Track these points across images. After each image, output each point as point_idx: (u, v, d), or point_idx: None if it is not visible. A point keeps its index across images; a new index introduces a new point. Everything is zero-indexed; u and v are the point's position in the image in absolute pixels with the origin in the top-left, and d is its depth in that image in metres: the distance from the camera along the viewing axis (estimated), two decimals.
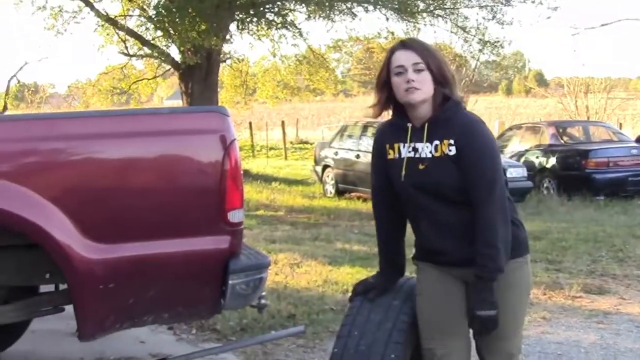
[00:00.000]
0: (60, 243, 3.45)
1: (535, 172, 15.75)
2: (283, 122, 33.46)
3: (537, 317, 6.56)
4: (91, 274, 3.51)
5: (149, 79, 24.37)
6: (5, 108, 22.06)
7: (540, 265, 8.76)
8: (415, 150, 3.28)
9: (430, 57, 3.22)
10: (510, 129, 19.19)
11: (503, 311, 3.28)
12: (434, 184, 3.24)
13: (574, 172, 15.16)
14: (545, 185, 15.67)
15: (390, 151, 3.36)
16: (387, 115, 3.45)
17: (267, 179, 19.39)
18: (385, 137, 3.41)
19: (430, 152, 3.24)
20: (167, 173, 3.70)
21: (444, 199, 3.25)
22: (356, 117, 22.52)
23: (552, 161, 15.70)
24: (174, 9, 17.77)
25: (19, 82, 23.24)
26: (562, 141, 16.30)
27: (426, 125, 3.26)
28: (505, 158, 14.96)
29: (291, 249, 9.52)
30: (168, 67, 22.28)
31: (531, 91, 51.98)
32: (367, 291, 3.57)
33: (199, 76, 20.51)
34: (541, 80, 64.09)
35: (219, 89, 26.54)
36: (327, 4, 19.01)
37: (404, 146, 3.32)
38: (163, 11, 18.12)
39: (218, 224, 3.71)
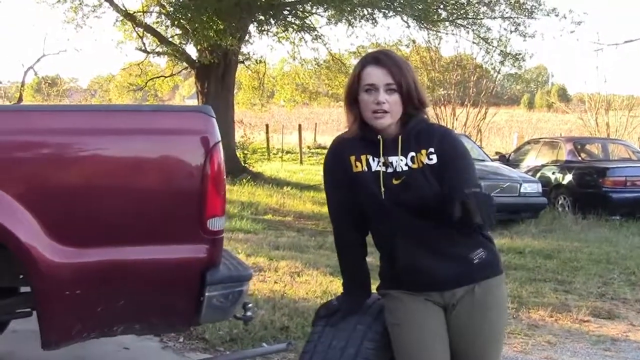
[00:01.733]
0: (25, 244, 3.25)
1: (551, 189, 15.43)
2: (300, 126, 33.28)
3: (542, 341, 6.31)
4: (57, 278, 3.30)
5: (165, 77, 24.24)
6: (20, 99, 21.98)
7: (549, 285, 8.50)
8: (387, 165, 3.07)
9: (402, 77, 3.01)
10: (528, 142, 18.88)
11: (485, 334, 3.14)
12: (415, 196, 3.03)
13: (590, 190, 14.79)
14: (560, 202, 15.34)
15: (358, 163, 3.12)
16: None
17: (279, 183, 19.15)
18: (349, 149, 3.15)
19: (407, 164, 3.04)
20: (143, 174, 3.49)
21: (424, 213, 3.04)
22: None
23: (569, 178, 15.34)
24: (192, 6, 17.63)
25: (36, 74, 23.15)
26: (579, 158, 15.97)
27: (399, 138, 3.06)
28: (520, 172, 14.69)
29: (294, 257, 9.30)
30: (185, 65, 22.13)
31: (553, 106, 51.57)
32: (330, 315, 3.32)
33: (216, 76, 20.40)
34: (564, 96, 63.68)
35: (236, 90, 26.50)
36: (348, 8, 18.76)
37: (373, 159, 3.10)
38: (180, 8, 17.99)
39: (196, 231, 3.50)
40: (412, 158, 3.04)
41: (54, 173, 3.35)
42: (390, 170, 3.06)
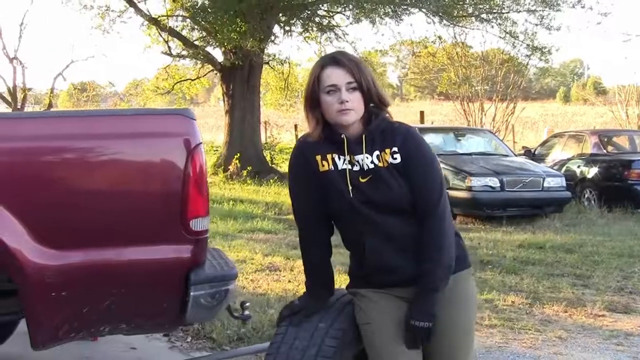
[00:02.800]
0: (10, 247, 3.28)
1: (576, 182, 15.30)
2: None
3: (553, 337, 6.25)
4: (42, 280, 3.34)
5: (192, 80, 24.38)
6: (50, 106, 22.29)
7: (567, 280, 8.44)
8: (353, 163, 3.10)
9: (362, 75, 3.05)
10: (554, 136, 18.72)
11: (453, 329, 3.18)
12: (383, 196, 3.05)
13: (616, 183, 14.62)
14: (586, 196, 15.20)
15: (324, 162, 3.13)
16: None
17: None
18: (313, 148, 3.16)
19: (372, 162, 3.07)
20: (125, 177, 3.51)
21: (393, 211, 3.07)
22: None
23: (594, 171, 15.18)
24: (209, 9, 17.72)
25: (64, 80, 23.52)
26: (604, 151, 15.79)
27: (363, 136, 3.09)
28: (543, 167, 14.57)
29: None
30: (211, 68, 22.25)
31: (589, 99, 51.08)
32: (293, 315, 3.34)
33: (241, 77, 20.49)
34: (599, 88, 62.99)
35: (264, 91, 26.60)
36: (368, 6, 18.74)
37: (339, 157, 3.12)
38: (200, 11, 18.10)
39: (179, 232, 3.51)
40: (378, 156, 3.07)
41: (37, 177, 3.38)
42: (356, 168, 3.08)
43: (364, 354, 3.23)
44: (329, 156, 3.12)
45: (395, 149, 3.05)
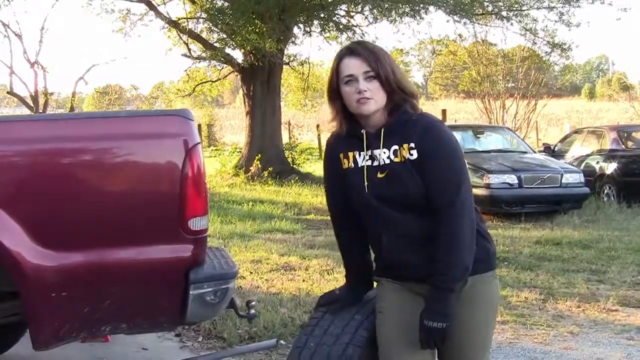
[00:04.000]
0: (10, 249, 3.35)
1: (596, 178, 15.21)
2: None
3: (564, 332, 6.26)
4: (43, 281, 3.41)
5: (213, 81, 24.48)
6: (72, 109, 22.48)
7: (582, 275, 8.43)
8: (372, 158, 3.08)
9: (379, 64, 3.01)
10: (574, 132, 18.63)
11: (468, 330, 3.12)
12: (399, 192, 3.03)
13: (636, 179, 14.49)
14: (605, 191, 15.11)
15: (345, 160, 3.16)
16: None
17: None
18: (338, 147, 3.19)
19: (389, 157, 3.04)
20: (123, 178, 3.58)
21: (409, 208, 3.04)
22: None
23: (613, 167, 15.06)
24: (227, 11, 17.80)
25: (86, 84, 23.74)
26: (623, 146, 15.70)
27: (382, 130, 3.06)
28: (562, 163, 14.52)
29: (327, 255, 9.32)
30: (231, 69, 22.34)
31: (612, 95, 50.71)
32: (330, 303, 3.39)
33: (261, 78, 20.53)
34: (623, 84, 62.47)
35: (286, 92, 26.66)
36: (386, 5, 18.74)
37: (359, 154, 3.12)
38: (218, 13, 18.18)
39: (178, 232, 3.57)
40: (395, 152, 3.02)
41: (36, 179, 3.45)
42: (375, 163, 3.07)
43: None
44: (350, 154, 3.13)
45: (412, 144, 3.00)
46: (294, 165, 21.31)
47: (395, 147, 3.03)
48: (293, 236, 11.30)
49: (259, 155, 19.87)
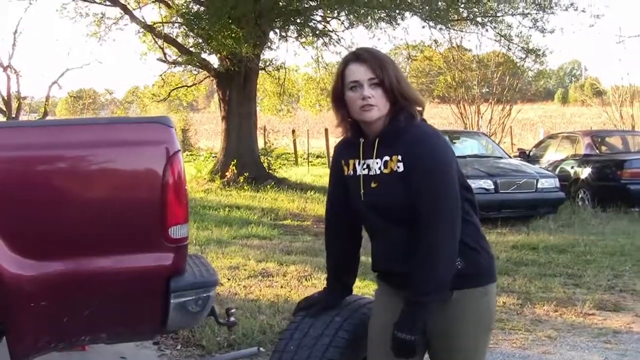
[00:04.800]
0: None
1: (570, 183, 15.35)
2: (326, 130, 33.26)
3: (542, 336, 6.29)
4: (21, 290, 3.36)
5: (188, 86, 24.37)
6: (45, 114, 22.29)
7: (559, 279, 8.49)
8: (368, 167, 3.09)
9: (384, 72, 2.99)
10: (551, 137, 18.76)
11: (453, 349, 3.11)
12: (385, 203, 3.03)
13: (610, 183, 14.65)
14: (580, 196, 15.23)
15: (345, 167, 3.18)
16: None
17: (303, 188, 19.10)
18: (342, 153, 3.22)
19: (380, 168, 3.04)
20: (103, 186, 3.54)
21: (395, 219, 3.04)
22: None
23: (587, 171, 15.21)
24: (203, 16, 17.76)
25: (60, 88, 23.57)
26: (597, 151, 15.84)
27: (376, 140, 3.06)
28: (537, 168, 14.62)
29: (305, 261, 9.33)
30: (207, 74, 22.25)
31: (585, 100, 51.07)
32: (310, 307, 3.40)
33: (237, 83, 20.46)
34: (596, 89, 62.94)
35: (262, 97, 26.58)
36: (362, 11, 18.77)
37: (358, 163, 3.12)
38: (194, 18, 18.12)
39: (159, 240, 3.55)
40: (385, 162, 3.01)
41: (14, 187, 3.41)
42: (371, 173, 3.07)
43: None
44: (351, 162, 3.15)
45: (399, 157, 2.98)
46: (270, 171, 21.24)
47: (387, 157, 3.02)
48: (270, 242, 11.27)
49: (235, 160, 19.79)
